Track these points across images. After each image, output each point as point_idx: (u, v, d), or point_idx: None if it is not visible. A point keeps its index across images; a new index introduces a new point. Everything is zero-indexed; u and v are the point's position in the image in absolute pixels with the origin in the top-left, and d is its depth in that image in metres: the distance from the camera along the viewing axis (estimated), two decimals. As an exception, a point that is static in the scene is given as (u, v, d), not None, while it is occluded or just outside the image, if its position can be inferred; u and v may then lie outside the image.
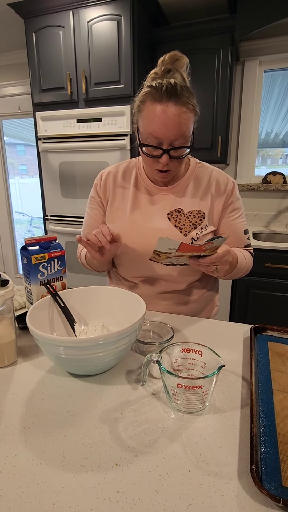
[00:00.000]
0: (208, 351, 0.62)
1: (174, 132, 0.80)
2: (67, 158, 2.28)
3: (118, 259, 1.04)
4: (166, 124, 0.79)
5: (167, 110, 0.79)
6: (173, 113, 0.79)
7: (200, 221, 0.96)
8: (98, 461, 0.47)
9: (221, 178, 0.99)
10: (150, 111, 0.81)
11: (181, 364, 0.65)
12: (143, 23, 2.09)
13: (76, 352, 0.59)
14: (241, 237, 1.03)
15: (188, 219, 0.96)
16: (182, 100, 0.79)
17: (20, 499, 0.42)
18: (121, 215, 1.00)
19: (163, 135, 0.81)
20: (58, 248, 0.88)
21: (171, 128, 0.80)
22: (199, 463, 0.47)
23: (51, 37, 2.14)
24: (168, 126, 0.80)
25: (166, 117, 0.79)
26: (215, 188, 0.98)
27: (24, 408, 0.58)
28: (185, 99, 0.80)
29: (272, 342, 0.77)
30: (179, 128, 0.80)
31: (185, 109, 0.80)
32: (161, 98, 0.79)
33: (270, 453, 0.47)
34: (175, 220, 0.96)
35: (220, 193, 0.98)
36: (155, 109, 0.80)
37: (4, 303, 0.68)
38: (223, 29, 2.08)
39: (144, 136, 0.84)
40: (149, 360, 0.59)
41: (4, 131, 3.35)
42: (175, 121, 0.79)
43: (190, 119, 0.82)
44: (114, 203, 1.02)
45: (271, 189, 2.51)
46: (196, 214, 0.96)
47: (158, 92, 0.79)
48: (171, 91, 0.78)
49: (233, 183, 1.00)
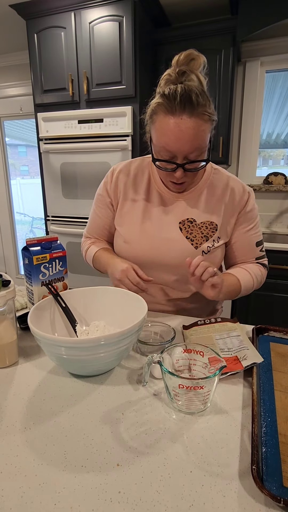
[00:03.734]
0: (210, 352, 0.62)
1: (188, 146, 0.76)
2: (68, 159, 2.29)
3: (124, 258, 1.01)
4: (180, 138, 0.75)
5: (180, 123, 0.73)
6: (187, 126, 0.74)
7: (212, 233, 0.93)
8: (100, 461, 0.47)
9: (236, 188, 0.94)
10: (163, 124, 0.76)
11: (183, 365, 0.65)
12: (145, 24, 2.10)
13: (77, 352, 0.59)
14: (252, 249, 0.98)
15: (200, 230, 0.92)
16: (197, 111, 0.73)
17: (21, 500, 0.42)
18: (131, 219, 0.96)
19: (177, 149, 0.76)
20: (60, 249, 0.88)
21: (185, 142, 0.75)
22: (200, 464, 0.47)
23: (53, 38, 2.15)
24: (182, 140, 0.75)
25: (180, 131, 0.74)
26: (230, 198, 0.93)
27: (26, 409, 0.58)
28: (201, 110, 0.74)
29: (274, 342, 0.77)
30: (194, 141, 0.75)
31: (200, 121, 0.74)
32: (174, 110, 0.73)
33: (272, 454, 0.47)
34: (187, 230, 0.92)
35: (234, 204, 0.93)
36: (168, 122, 0.75)
37: (6, 304, 0.68)
38: (224, 30, 2.08)
39: (157, 149, 0.80)
40: (151, 360, 0.59)
41: (6, 132, 3.36)
42: (189, 135, 0.74)
43: (206, 130, 0.77)
44: (124, 205, 0.98)
45: (272, 190, 2.51)
46: (208, 225, 0.93)
47: (171, 103, 0.73)
48: (185, 102, 0.73)
49: (248, 194, 0.94)
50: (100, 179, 1.04)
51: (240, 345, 0.73)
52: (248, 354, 0.69)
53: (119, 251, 1.00)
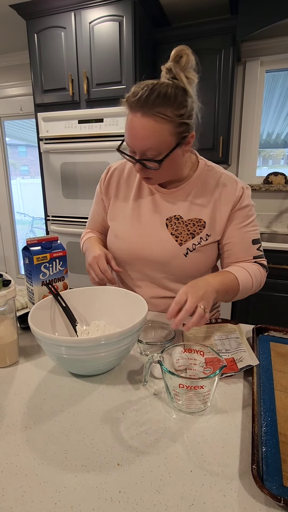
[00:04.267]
0: (211, 352, 0.62)
1: (140, 144, 0.77)
2: (68, 158, 2.29)
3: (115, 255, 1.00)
4: (133, 135, 0.77)
5: (134, 120, 0.75)
6: (140, 125, 0.75)
7: (199, 231, 0.91)
8: (100, 461, 0.48)
9: (229, 183, 0.91)
10: (127, 119, 0.78)
11: (183, 365, 0.65)
12: (145, 24, 2.10)
13: (77, 352, 0.59)
14: (248, 247, 0.93)
15: (186, 227, 0.92)
16: (151, 112, 0.73)
17: (22, 499, 0.42)
18: (122, 215, 0.98)
19: (132, 145, 0.79)
20: (60, 249, 0.89)
21: (137, 140, 0.77)
22: (200, 463, 0.47)
23: (53, 38, 2.15)
24: (135, 138, 0.77)
25: (133, 128, 0.76)
26: (222, 194, 0.91)
27: (26, 408, 0.58)
28: (156, 111, 0.73)
29: (274, 342, 0.77)
30: (145, 140, 0.76)
31: (153, 122, 0.74)
32: (132, 107, 0.75)
33: (272, 453, 0.47)
34: (173, 227, 0.92)
35: (227, 200, 0.91)
36: (128, 118, 0.77)
37: (6, 303, 0.68)
38: (224, 30, 2.08)
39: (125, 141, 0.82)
40: (151, 360, 0.59)
41: (6, 132, 3.36)
42: (141, 133, 0.75)
43: (162, 132, 0.75)
44: (117, 202, 1.00)
45: (272, 189, 2.51)
46: (196, 223, 0.91)
47: (131, 100, 0.75)
48: (143, 101, 0.73)
49: (242, 189, 0.91)
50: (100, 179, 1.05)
51: (238, 347, 0.73)
52: (245, 357, 0.69)
53: (110, 246, 1.02)
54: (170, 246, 0.92)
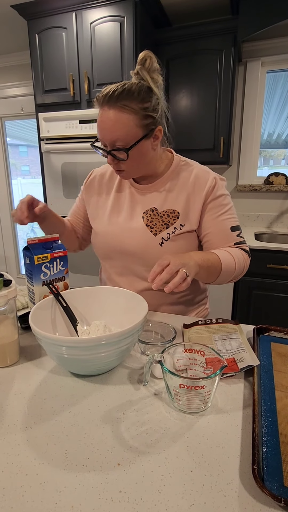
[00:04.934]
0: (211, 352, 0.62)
1: (109, 135, 0.83)
2: (69, 159, 2.29)
3: (97, 251, 1.07)
4: (102, 128, 0.84)
5: (102, 114, 0.83)
6: (107, 117, 0.82)
7: (173, 221, 0.95)
8: (100, 461, 0.48)
9: (201, 175, 0.95)
10: (98, 115, 0.86)
11: (183, 365, 0.65)
12: (146, 24, 2.10)
13: (78, 352, 0.59)
14: (227, 234, 0.96)
15: (161, 218, 0.96)
16: (116, 105, 0.81)
17: (22, 498, 0.42)
18: (103, 213, 1.04)
19: (101, 137, 0.86)
20: (61, 249, 0.89)
21: (106, 131, 0.83)
22: (201, 463, 0.47)
23: (54, 38, 2.15)
24: (104, 130, 0.84)
25: (102, 121, 0.84)
26: (195, 186, 0.95)
27: (27, 408, 0.58)
28: (120, 103, 0.81)
29: (275, 342, 0.77)
30: (113, 131, 0.83)
31: (119, 113, 0.81)
32: (100, 104, 0.84)
33: (272, 453, 0.47)
34: (148, 219, 0.97)
35: (199, 190, 0.94)
36: (98, 114, 0.85)
37: (7, 303, 0.68)
38: (225, 30, 2.08)
39: None
40: (151, 360, 0.59)
41: (7, 132, 3.37)
42: (109, 125, 0.82)
43: (128, 123, 0.82)
44: (98, 201, 1.06)
45: (273, 190, 2.51)
46: (170, 214, 0.96)
47: (99, 97, 0.84)
48: (108, 97, 0.81)
49: (214, 179, 0.95)
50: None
51: (239, 348, 0.73)
52: (245, 357, 0.69)
53: (93, 243, 1.08)
54: (145, 236, 0.96)
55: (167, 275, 0.70)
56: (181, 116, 2.28)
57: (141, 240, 0.96)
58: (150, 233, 0.96)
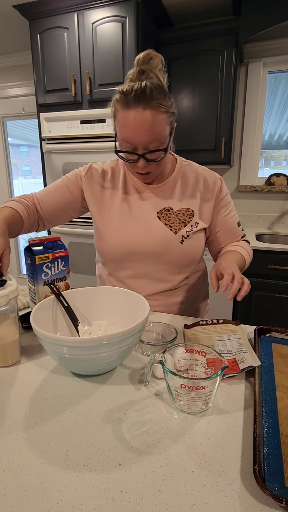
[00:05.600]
0: (212, 353, 0.62)
1: (146, 137, 0.80)
2: (70, 159, 2.29)
3: (109, 255, 0.99)
4: (137, 130, 0.79)
5: (136, 115, 0.78)
6: (143, 118, 0.78)
7: (189, 219, 0.97)
8: (102, 460, 0.48)
9: (208, 176, 1.00)
10: (122, 118, 0.81)
11: (184, 365, 0.65)
12: (147, 24, 2.10)
13: (79, 352, 0.59)
14: (236, 231, 1.05)
15: (177, 217, 0.97)
16: (151, 104, 0.78)
17: (23, 498, 0.42)
18: (110, 216, 0.98)
19: (135, 140, 0.81)
20: (62, 249, 0.89)
21: (142, 133, 0.79)
22: (202, 464, 0.47)
23: (56, 38, 2.15)
24: (140, 131, 0.79)
25: (136, 122, 0.78)
26: (203, 186, 0.99)
27: (28, 408, 0.59)
28: (155, 102, 0.78)
29: (276, 343, 0.77)
30: (151, 132, 0.79)
31: (155, 112, 0.78)
32: (130, 104, 0.78)
33: (273, 454, 0.47)
34: (165, 218, 0.96)
35: (208, 191, 0.99)
36: (126, 115, 0.80)
37: (8, 303, 0.68)
38: (227, 31, 2.08)
39: (120, 142, 0.85)
40: (153, 360, 0.59)
41: (8, 132, 3.37)
42: (146, 126, 0.78)
43: (163, 121, 0.80)
44: (102, 204, 0.99)
45: (274, 190, 2.51)
46: (185, 212, 0.97)
47: (127, 98, 0.78)
48: (140, 96, 0.77)
49: (220, 180, 1.01)
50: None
51: (240, 348, 0.73)
52: (246, 357, 0.69)
53: (103, 247, 1.00)
54: (166, 234, 0.95)
55: (238, 285, 0.77)
56: (182, 116, 2.28)
57: (163, 239, 0.95)
58: (171, 232, 0.96)
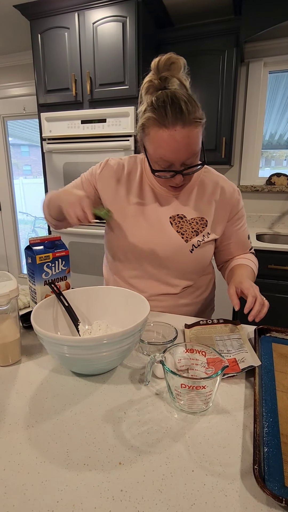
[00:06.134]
0: (213, 352, 0.62)
1: (185, 154, 0.78)
2: (71, 158, 2.29)
3: (117, 253, 1.00)
4: (176, 149, 0.77)
5: (175, 135, 0.75)
6: (182, 136, 0.76)
7: (202, 228, 0.96)
8: (102, 460, 0.48)
9: (226, 187, 0.98)
10: (157, 137, 0.78)
11: (185, 365, 0.65)
12: (148, 24, 2.10)
13: (80, 351, 0.59)
14: (246, 244, 1.06)
15: (190, 225, 0.95)
16: (189, 120, 0.75)
17: (24, 497, 0.42)
18: (124, 214, 0.98)
19: (174, 159, 0.79)
20: (63, 248, 0.89)
21: (182, 152, 0.77)
22: (202, 463, 0.47)
23: (57, 38, 2.15)
24: (179, 151, 0.77)
25: (176, 142, 0.76)
26: (220, 197, 0.97)
27: (28, 407, 0.59)
28: (192, 117, 0.75)
29: (276, 343, 0.77)
30: (189, 149, 0.78)
31: (193, 128, 0.76)
32: (167, 123, 0.75)
33: (273, 454, 0.47)
34: (177, 225, 0.95)
35: (225, 203, 0.97)
36: (163, 135, 0.76)
37: (9, 302, 0.68)
38: (228, 31, 2.08)
39: (154, 159, 0.82)
40: (153, 360, 0.59)
41: (9, 131, 3.37)
42: (185, 144, 0.77)
43: (199, 135, 0.79)
44: (116, 201, 0.98)
45: (275, 190, 2.50)
46: (199, 221, 0.96)
47: (163, 117, 0.75)
48: (176, 113, 0.74)
49: (238, 192, 0.99)
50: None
51: (240, 348, 0.73)
52: (247, 357, 0.69)
53: (113, 244, 1.01)
54: (177, 242, 0.95)
55: (260, 307, 0.79)
56: (183, 116, 2.27)
57: (174, 246, 0.95)
58: (182, 240, 0.95)
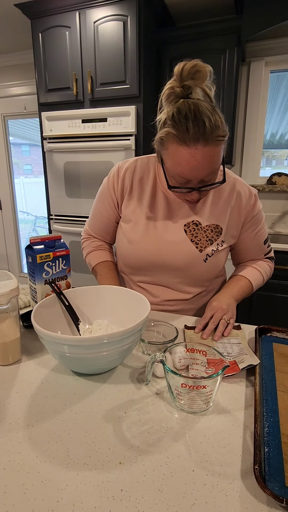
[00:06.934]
0: (213, 352, 0.62)
1: (205, 173, 0.76)
2: (72, 158, 2.29)
3: (127, 261, 1.00)
4: (196, 168, 0.74)
5: (196, 153, 0.72)
6: (203, 155, 0.72)
7: (216, 237, 0.93)
8: (102, 459, 0.48)
9: (243, 191, 0.93)
10: (176, 154, 0.75)
11: (185, 364, 0.65)
12: (149, 23, 2.10)
13: (80, 350, 0.59)
14: (260, 248, 1.02)
15: (205, 233, 0.92)
16: (212, 138, 0.71)
17: (24, 496, 0.42)
18: (136, 219, 0.95)
19: (193, 177, 0.77)
20: (63, 248, 0.89)
21: (201, 170, 0.75)
22: (202, 463, 0.47)
23: (57, 37, 2.15)
24: (198, 169, 0.75)
25: (196, 160, 0.73)
26: (236, 201, 0.93)
27: (28, 406, 0.59)
28: (215, 135, 0.71)
29: (277, 343, 0.77)
30: (209, 167, 0.75)
31: (215, 146, 0.73)
32: (188, 141, 0.72)
33: (274, 454, 0.47)
34: (192, 233, 0.92)
35: (241, 207, 0.93)
36: (182, 153, 0.73)
37: (9, 302, 0.68)
38: (229, 30, 2.07)
39: (172, 174, 0.80)
40: (153, 359, 0.59)
41: (10, 131, 3.37)
42: (205, 163, 0.74)
43: (220, 152, 0.75)
44: (130, 204, 0.96)
45: (276, 190, 2.50)
46: (214, 229, 0.93)
47: (184, 134, 0.71)
48: (199, 131, 0.70)
49: (255, 197, 0.94)
50: (103, 178, 1.04)
51: (240, 352, 0.73)
52: (246, 359, 0.69)
53: (122, 251, 1.00)
54: (191, 252, 0.92)
55: (212, 327, 0.82)
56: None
57: (187, 256, 0.92)
58: (196, 249, 0.92)
